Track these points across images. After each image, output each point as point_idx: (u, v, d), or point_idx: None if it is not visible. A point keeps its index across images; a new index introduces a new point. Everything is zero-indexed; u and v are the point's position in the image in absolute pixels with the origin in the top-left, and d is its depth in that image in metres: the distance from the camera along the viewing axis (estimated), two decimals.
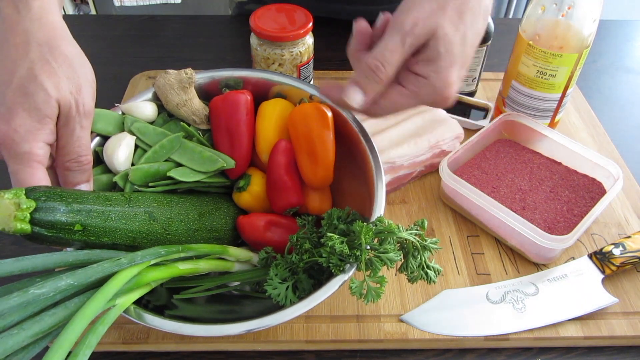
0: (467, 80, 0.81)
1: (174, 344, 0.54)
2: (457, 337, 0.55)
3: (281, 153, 0.56)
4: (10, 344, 0.35)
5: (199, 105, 0.58)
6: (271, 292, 0.47)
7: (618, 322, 0.57)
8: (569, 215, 0.64)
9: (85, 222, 0.44)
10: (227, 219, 0.57)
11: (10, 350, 0.35)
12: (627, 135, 0.81)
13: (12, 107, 0.44)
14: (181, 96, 0.56)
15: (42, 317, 0.37)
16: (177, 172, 0.54)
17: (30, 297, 0.37)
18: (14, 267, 0.39)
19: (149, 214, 0.49)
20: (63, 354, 0.35)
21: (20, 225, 0.40)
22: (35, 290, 0.37)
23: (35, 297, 0.37)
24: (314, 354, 0.55)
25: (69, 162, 0.47)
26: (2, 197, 0.40)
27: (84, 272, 0.40)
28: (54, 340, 0.36)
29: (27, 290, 0.37)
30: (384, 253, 0.46)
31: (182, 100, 0.56)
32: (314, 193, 0.58)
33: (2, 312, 0.36)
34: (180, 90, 0.56)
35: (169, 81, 0.56)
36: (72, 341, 0.36)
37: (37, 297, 0.37)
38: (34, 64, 0.45)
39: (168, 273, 0.46)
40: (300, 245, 0.50)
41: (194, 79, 0.57)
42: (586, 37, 0.65)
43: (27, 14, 0.46)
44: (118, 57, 0.93)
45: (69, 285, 0.39)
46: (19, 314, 0.37)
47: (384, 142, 0.67)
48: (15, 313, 0.37)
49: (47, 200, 0.42)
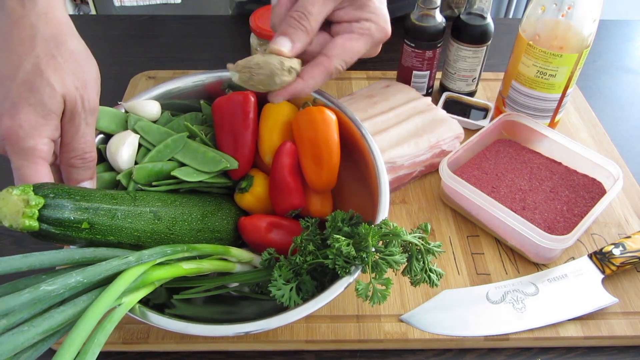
0: (467, 80, 0.81)
1: (174, 344, 0.54)
2: (457, 337, 0.55)
3: (286, 154, 0.56)
4: (20, 341, 0.35)
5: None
6: (275, 293, 0.47)
7: (618, 322, 0.57)
8: (569, 215, 0.64)
9: (92, 220, 0.44)
10: (228, 219, 0.57)
11: (21, 347, 0.35)
12: (627, 135, 0.81)
13: (17, 102, 0.43)
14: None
15: (52, 315, 0.37)
16: (180, 171, 0.54)
17: (41, 294, 0.37)
18: (22, 263, 0.39)
19: (154, 213, 0.49)
20: (75, 350, 0.35)
21: (28, 222, 0.40)
22: (46, 287, 0.37)
23: (47, 294, 0.37)
24: (314, 354, 0.55)
25: (73, 159, 0.47)
26: (10, 193, 0.39)
27: (93, 270, 0.40)
28: (65, 337, 0.36)
29: (38, 287, 0.37)
30: (390, 255, 0.46)
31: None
32: (315, 196, 0.58)
33: (14, 309, 0.36)
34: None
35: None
36: (84, 338, 0.36)
37: (48, 294, 0.37)
38: (40, 59, 0.45)
39: (172, 273, 0.46)
40: (305, 247, 0.50)
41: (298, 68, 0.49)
42: (586, 37, 0.65)
43: (33, 8, 0.46)
44: (118, 57, 0.93)
45: (78, 283, 0.39)
46: (28, 311, 0.36)
47: (384, 142, 0.67)
48: (25, 310, 0.36)
49: (55, 198, 0.42)
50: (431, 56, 0.77)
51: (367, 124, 0.69)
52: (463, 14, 0.76)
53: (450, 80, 0.82)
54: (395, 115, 0.71)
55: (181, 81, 0.61)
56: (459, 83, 0.81)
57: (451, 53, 0.79)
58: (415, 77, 0.79)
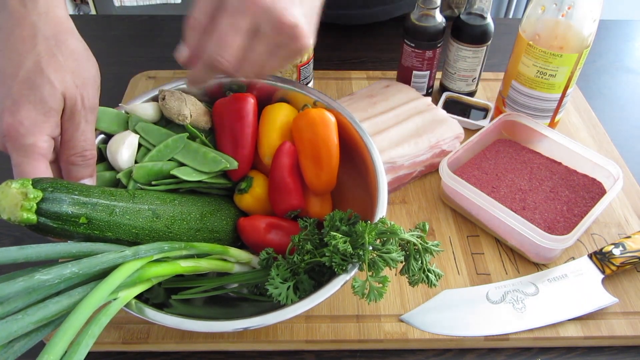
0: (467, 80, 0.81)
1: (174, 344, 0.54)
2: (457, 337, 0.55)
3: (286, 155, 0.56)
4: (14, 329, 0.35)
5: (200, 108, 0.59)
6: (272, 292, 0.47)
7: (618, 322, 0.57)
8: (569, 215, 0.64)
9: (90, 215, 0.44)
10: (227, 220, 0.57)
11: (15, 334, 0.35)
12: (627, 135, 0.81)
13: (17, 100, 0.43)
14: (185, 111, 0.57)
15: (46, 304, 0.37)
16: (180, 171, 0.54)
17: (36, 283, 0.37)
18: (18, 255, 0.39)
19: (152, 211, 0.49)
20: (68, 339, 0.35)
21: (26, 215, 0.40)
22: (41, 276, 0.37)
23: (41, 283, 0.37)
24: (314, 354, 0.55)
25: (73, 156, 0.47)
26: (9, 186, 0.40)
27: (89, 262, 0.40)
28: (59, 327, 0.36)
29: (33, 276, 0.37)
30: (387, 253, 0.46)
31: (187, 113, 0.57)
32: (314, 197, 0.58)
33: (8, 296, 0.36)
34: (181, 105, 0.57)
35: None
36: (77, 327, 0.36)
37: (42, 283, 0.37)
38: (41, 57, 0.45)
39: (170, 270, 0.46)
40: (302, 246, 0.50)
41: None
42: (586, 37, 0.65)
43: (34, 7, 0.46)
44: (118, 57, 0.93)
45: (73, 274, 0.39)
46: (22, 300, 0.37)
47: (384, 142, 0.67)
48: (20, 299, 0.36)
49: (54, 191, 0.42)
50: (431, 56, 0.77)
51: (367, 124, 0.69)
52: (463, 14, 0.76)
53: (450, 80, 0.82)
54: (395, 115, 0.71)
55: (183, 83, 0.61)
56: (459, 83, 0.81)
57: (451, 53, 0.79)
58: (415, 77, 0.79)
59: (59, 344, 0.35)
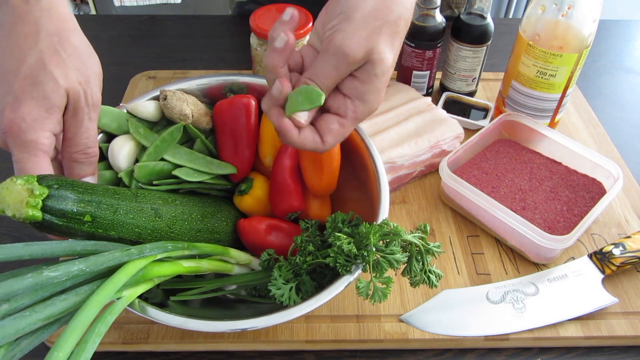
0: (467, 80, 0.81)
1: (174, 344, 0.54)
2: (457, 337, 0.55)
3: (287, 156, 0.56)
4: (22, 325, 0.35)
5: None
6: (275, 293, 0.47)
7: (618, 322, 0.57)
8: (569, 215, 0.64)
9: (95, 213, 0.44)
10: (227, 221, 0.57)
11: (22, 331, 0.35)
12: (627, 135, 0.81)
13: (20, 96, 0.43)
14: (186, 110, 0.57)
15: (54, 302, 0.37)
16: (181, 171, 0.54)
17: (44, 279, 0.37)
18: (24, 252, 0.39)
19: (155, 210, 0.49)
20: (76, 337, 0.35)
21: (32, 212, 0.40)
22: (49, 273, 0.37)
23: (49, 280, 0.37)
24: (314, 354, 0.55)
25: (76, 154, 0.47)
26: (14, 182, 0.39)
27: (96, 259, 0.40)
28: (67, 324, 0.36)
29: (41, 273, 0.37)
30: (391, 254, 0.46)
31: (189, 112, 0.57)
32: (314, 199, 0.58)
33: (17, 293, 0.36)
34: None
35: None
36: (86, 325, 0.36)
37: (50, 280, 0.37)
38: (44, 53, 0.45)
39: (172, 270, 0.46)
40: (304, 247, 0.50)
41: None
42: (586, 37, 0.65)
43: (37, 4, 0.46)
44: (118, 57, 0.93)
45: (81, 271, 0.39)
46: (30, 297, 0.36)
47: (384, 142, 0.67)
48: (27, 296, 0.36)
49: (59, 189, 0.42)
50: (431, 56, 0.77)
51: (367, 124, 0.69)
52: (463, 14, 0.76)
53: (450, 80, 0.82)
54: (396, 115, 0.71)
55: (184, 83, 0.61)
56: (459, 83, 0.81)
57: (451, 53, 0.79)
58: (415, 77, 0.79)
59: (68, 341, 0.34)
